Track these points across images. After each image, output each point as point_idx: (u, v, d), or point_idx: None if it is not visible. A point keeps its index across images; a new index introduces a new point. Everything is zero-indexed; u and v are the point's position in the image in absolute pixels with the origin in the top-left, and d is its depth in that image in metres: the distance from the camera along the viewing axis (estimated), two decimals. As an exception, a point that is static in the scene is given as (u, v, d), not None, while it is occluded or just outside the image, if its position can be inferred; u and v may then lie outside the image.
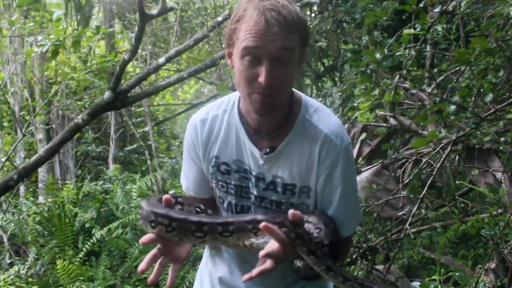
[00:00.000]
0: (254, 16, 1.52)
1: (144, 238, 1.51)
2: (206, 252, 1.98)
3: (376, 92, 2.67)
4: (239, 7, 1.59)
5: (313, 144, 1.67)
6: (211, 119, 1.77)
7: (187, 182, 1.88)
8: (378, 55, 2.45)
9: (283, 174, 1.69)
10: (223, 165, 1.75)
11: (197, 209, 1.79)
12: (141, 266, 1.49)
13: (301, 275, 1.67)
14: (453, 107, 2.27)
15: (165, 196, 1.58)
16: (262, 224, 1.44)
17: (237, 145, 1.73)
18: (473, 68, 2.57)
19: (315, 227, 1.62)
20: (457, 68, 3.26)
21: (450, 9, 2.73)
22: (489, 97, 2.59)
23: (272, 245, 1.48)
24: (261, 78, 1.53)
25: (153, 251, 1.53)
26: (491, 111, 2.81)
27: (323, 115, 1.72)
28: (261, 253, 1.45)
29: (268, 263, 1.47)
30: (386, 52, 2.51)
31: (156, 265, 1.54)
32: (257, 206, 1.73)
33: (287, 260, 1.58)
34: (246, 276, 1.47)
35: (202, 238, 1.51)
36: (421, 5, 2.39)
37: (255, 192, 1.73)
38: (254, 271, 1.46)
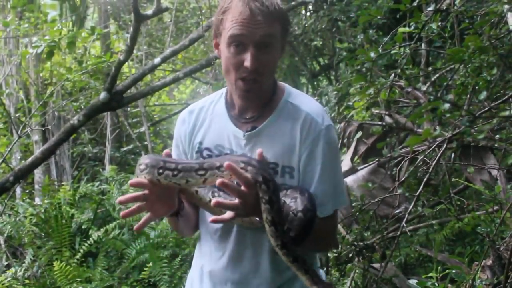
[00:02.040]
0: (239, 6, 1.65)
1: (132, 180, 1.59)
2: (196, 250, 1.99)
3: (371, 90, 2.68)
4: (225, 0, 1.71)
5: (294, 123, 1.75)
6: (198, 110, 1.88)
7: None
8: (372, 54, 2.45)
9: (266, 153, 1.71)
10: (205, 151, 1.82)
11: None
12: (121, 198, 1.57)
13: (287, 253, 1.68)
14: (447, 105, 2.28)
15: (166, 150, 1.67)
16: (226, 164, 1.48)
17: (219, 130, 1.81)
18: (468, 66, 2.58)
19: (291, 198, 1.66)
20: (452, 66, 3.27)
21: (444, 8, 2.74)
22: (483, 95, 2.61)
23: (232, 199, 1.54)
24: (247, 63, 1.65)
25: (138, 192, 1.59)
26: (486, 109, 2.82)
27: (305, 99, 1.83)
28: (213, 201, 1.52)
29: (226, 214, 1.55)
30: (380, 50, 2.51)
31: (134, 206, 1.62)
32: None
33: (247, 216, 1.62)
34: (213, 218, 1.57)
35: (204, 176, 1.57)
36: (415, 3, 2.39)
37: None
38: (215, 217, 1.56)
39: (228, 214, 1.55)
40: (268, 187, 1.52)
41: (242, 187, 1.51)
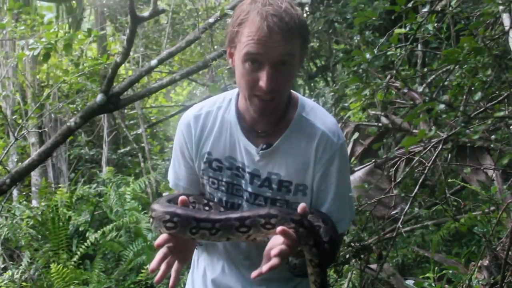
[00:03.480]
0: (257, 21, 1.54)
1: (159, 240, 1.51)
2: (195, 255, 1.97)
3: (367, 91, 2.68)
4: (242, 9, 1.60)
5: (310, 141, 1.70)
6: (204, 115, 1.78)
7: (176, 179, 1.88)
8: (368, 55, 2.46)
9: (279, 171, 1.70)
10: (215, 162, 1.75)
11: (205, 207, 1.79)
12: (152, 265, 1.49)
13: (297, 272, 1.67)
14: (442, 106, 2.29)
15: (181, 198, 1.58)
16: (279, 229, 1.43)
17: (231, 141, 1.74)
18: (464, 66, 2.59)
19: (315, 225, 1.62)
20: (448, 67, 3.28)
21: (439, 9, 2.75)
22: (478, 96, 2.61)
23: (278, 241, 1.47)
24: (262, 83, 1.56)
25: (163, 249, 1.52)
26: (481, 109, 2.83)
27: (320, 114, 1.76)
28: (273, 252, 1.43)
29: (276, 260, 1.44)
30: (376, 52, 2.52)
31: (163, 265, 1.53)
32: (251, 204, 1.73)
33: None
34: (255, 273, 1.46)
35: (247, 233, 1.51)
36: (410, 5, 2.40)
37: (249, 189, 1.73)
38: (265, 268, 1.43)
39: (277, 260, 1.45)
40: (318, 250, 1.50)
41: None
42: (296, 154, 1.70)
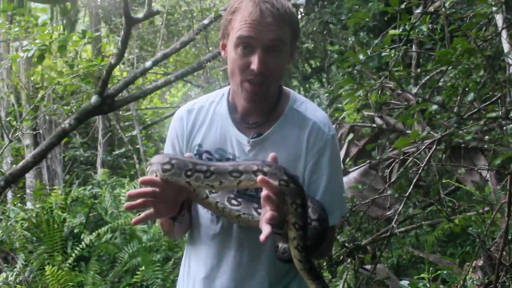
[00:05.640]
0: (249, 7, 1.60)
1: (145, 178, 1.52)
2: (186, 255, 1.96)
3: (360, 92, 2.69)
4: None
5: (301, 131, 1.72)
6: (197, 110, 1.81)
7: None
8: (361, 56, 2.46)
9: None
10: (205, 154, 1.76)
11: None
12: (131, 192, 1.54)
13: (287, 256, 1.62)
14: (435, 107, 2.29)
15: (187, 154, 1.65)
16: (259, 178, 1.41)
17: (221, 133, 1.75)
18: (457, 67, 2.60)
19: None
20: (442, 68, 3.29)
21: (432, 10, 2.76)
22: (470, 96, 2.62)
23: (266, 210, 1.44)
24: (254, 66, 1.60)
25: (149, 189, 1.53)
26: (474, 110, 2.84)
27: (311, 107, 1.78)
28: (263, 220, 1.42)
29: (267, 228, 1.41)
30: (369, 53, 2.52)
31: (143, 214, 1.59)
32: (242, 194, 1.72)
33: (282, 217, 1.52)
34: (263, 236, 1.40)
35: (239, 178, 1.50)
36: (403, 6, 2.41)
37: None
38: (262, 237, 1.39)
39: (268, 228, 1.42)
40: (303, 212, 1.48)
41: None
42: (287, 145, 1.71)
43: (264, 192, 1.42)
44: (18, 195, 6.91)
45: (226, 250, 1.80)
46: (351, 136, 3.80)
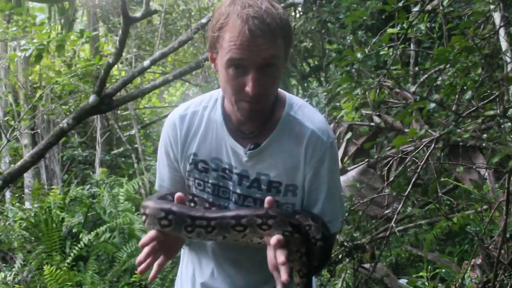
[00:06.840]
0: (238, 25, 1.47)
1: (145, 239, 1.49)
2: (184, 258, 1.95)
3: (358, 91, 2.69)
4: (220, 12, 1.53)
5: (299, 141, 1.66)
6: (190, 115, 1.73)
7: (160, 180, 1.84)
8: (359, 55, 2.46)
9: (269, 171, 1.67)
10: (201, 163, 1.72)
11: (191, 203, 1.74)
12: (140, 257, 1.48)
13: None
14: (432, 105, 2.29)
15: (178, 194, 1.55)
16: (273, 240, 1.41)
17: (217, 142, 1.70)
18: (456, 66, 2.59)
19: (305, 225, 1.60)
20: (440, 67, 3.29)
21: (430, 8, 2.76)
22: (468, 95, 2.62)
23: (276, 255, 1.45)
24: (248, 88, 1.51)
25: (152, 244, 1.50)
26: (473, 108, 2.84)
27: (308, 112, 1.72)
28: (273, 240, 1.42)
29: (285, 275, 1.39)
30: (367, 51, 2.52)
31: (155, 266, 1.52)
32: (240, 205, 1.70)
33: None
34: (286, 276, 1.39)
35: (243, 232, 1.48)
36: (400, 4, 2.40)
37: (238, 191, 1.70)
38: (284, 275, 1.39)
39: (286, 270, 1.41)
40: (308, 260, 1.48)
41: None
42: (285, 155, 1.66)
43: (272, 242, 1.42)
44: (16, 195, 6.89)
45: (224, 259, 1.80)
46: (349, 135, 3.80)
